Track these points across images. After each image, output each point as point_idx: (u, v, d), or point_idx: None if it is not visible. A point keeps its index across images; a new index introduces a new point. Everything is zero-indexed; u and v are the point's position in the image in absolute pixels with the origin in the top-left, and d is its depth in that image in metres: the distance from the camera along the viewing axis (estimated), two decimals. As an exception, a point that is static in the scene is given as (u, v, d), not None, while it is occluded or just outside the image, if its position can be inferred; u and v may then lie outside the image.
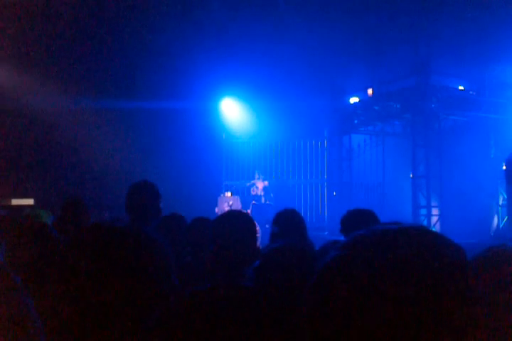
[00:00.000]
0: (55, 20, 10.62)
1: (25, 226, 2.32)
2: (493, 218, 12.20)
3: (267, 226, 4.31)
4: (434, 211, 11.22)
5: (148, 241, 1.03)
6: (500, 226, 11.89)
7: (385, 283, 0.60)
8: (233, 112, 14.26)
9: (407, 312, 0.59)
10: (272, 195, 12.52)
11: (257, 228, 2.41)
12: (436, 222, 11.18)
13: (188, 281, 2.44)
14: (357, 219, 3.21)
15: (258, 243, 2.55)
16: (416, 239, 0.64)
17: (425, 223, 10.89)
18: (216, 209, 12.22)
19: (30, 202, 10.22)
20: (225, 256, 2.05)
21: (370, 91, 12.84)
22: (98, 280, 0.95)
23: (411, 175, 11.58)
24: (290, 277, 1.52)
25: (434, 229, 10.73)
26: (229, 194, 13.29)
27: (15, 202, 10.20)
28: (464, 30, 10.64)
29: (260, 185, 12.54)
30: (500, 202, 12.04)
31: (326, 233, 12.63)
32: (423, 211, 11.25)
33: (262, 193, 12.43)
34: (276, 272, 1.57)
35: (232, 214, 2.28)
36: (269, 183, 12.78)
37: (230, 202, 12.30)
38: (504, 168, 10.56)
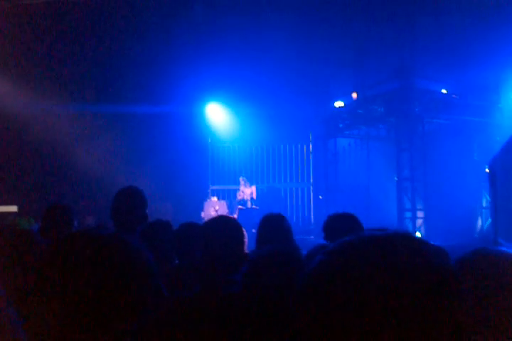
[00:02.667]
0: (38, 27, 10.54)
1: (9, 232, 2.29)
2: (477, 220, 12.31)
3: (254, 230, 4.30)
4: (419, 213, 11.29)
5: (130, 249, 1.02)
6: (484, 228, 12.00)
7: (370, 289, 0.60)
8: (219, 117, 14.26)
9: (395, 319, 0.59)
10: (254, 198, 12.47)
11: (244, 233, 2.41)
12: (421, 224, 11.26)
13: (175, 287, 2.43)
14: (339, 225, 3.19)
15: (245, 248, 2.55)
16: (401, 245, 0.65)
17: (410, 226, 10.96)
18: (202, 214, 12.17)
19: (14, 209, 10.10)
20: (214, 261, 2.05)
21: (354, 95, 12.91)
22: (79, 289, 0.94)
23: (395, 178, 11.66)
24: (277, 282, 1.51)
25: (419, 232, 10.83)
26: (215, 199, 13.26)
27: (-2, 209, 10.07)
28: (446, 35, 10.78)
29: (247, 190, 12.52)
30: (484, 204, 12.16)
31: (312, 237, 12.64)
32: (408, 214, 11.32)
33: (248, 198, 12.41)
34: (264, 278, 1.57)
35: (220, 219, 2.27)
36: (255, 188, 12.76)
37: (217, 207, 12.27)
38: (487, 170, 10.66)
